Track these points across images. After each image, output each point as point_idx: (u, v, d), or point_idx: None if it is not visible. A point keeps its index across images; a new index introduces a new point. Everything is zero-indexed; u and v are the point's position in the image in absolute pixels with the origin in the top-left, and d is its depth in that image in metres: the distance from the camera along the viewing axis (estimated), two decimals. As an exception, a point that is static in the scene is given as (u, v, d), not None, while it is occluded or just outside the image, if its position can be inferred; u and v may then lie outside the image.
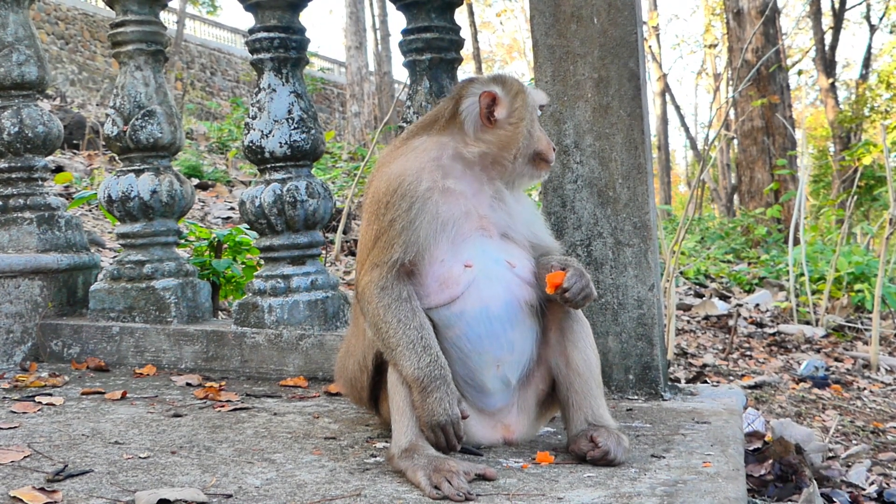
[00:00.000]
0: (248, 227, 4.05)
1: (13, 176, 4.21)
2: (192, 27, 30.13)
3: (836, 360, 6.41)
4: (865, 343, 6.96)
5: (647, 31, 27.29)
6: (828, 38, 26.18)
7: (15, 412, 2.96)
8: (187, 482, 2.16)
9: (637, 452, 2.38)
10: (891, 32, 30.57)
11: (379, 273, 2.31)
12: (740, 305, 8.21)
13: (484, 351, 2.37)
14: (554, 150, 2.49)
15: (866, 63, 28.52)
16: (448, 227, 2.35)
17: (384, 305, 2.29)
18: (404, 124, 3.59)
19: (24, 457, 2.38)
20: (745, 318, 7.62)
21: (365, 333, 2.42)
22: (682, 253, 10.23)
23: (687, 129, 33.06)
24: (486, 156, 2.40)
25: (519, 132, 2.39)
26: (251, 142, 3.67)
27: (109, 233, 7.50)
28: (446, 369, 2.26)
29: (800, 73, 33.48)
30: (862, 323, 7.61)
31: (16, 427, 2.73)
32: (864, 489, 3.43)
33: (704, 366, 5.64)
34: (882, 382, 5.80)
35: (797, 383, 5.43)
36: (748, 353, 6.37)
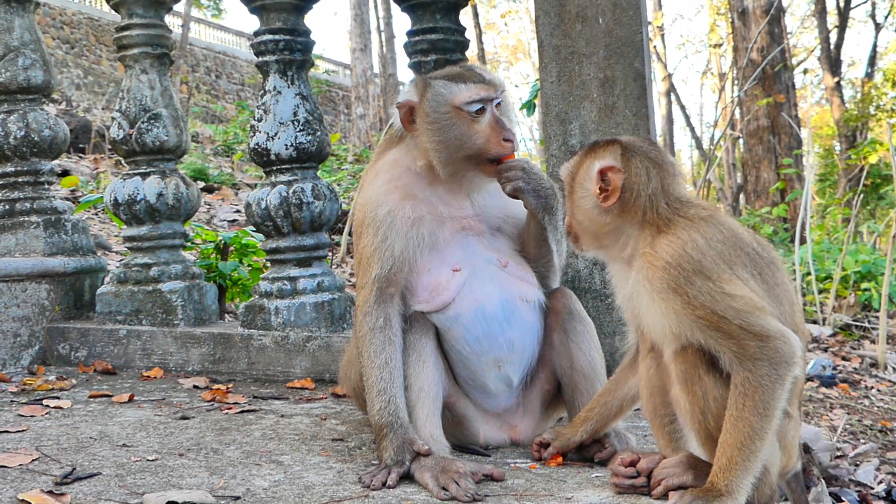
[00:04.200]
0: (255, 229, 4.06)
1: (20, 180, 4.22)
2: (197, 30, 30.18)
3: (844, 358, 6.38)
4: (873, 342, 6.93)
5: (651, 30, 27.27)
6: (833, 37, 26.11)
7: (23, 415, 2.97)
8: (195, 484, 2.16)
9: (645, 452, 2.37)
10: (896, 31, 30.49)
11: (364, 297, 2.35)
12: (747, 305, 8.18)
13: (483, 352, 2.36)
14: (508, 140, 2.32)
15: (872, 61, 28.42)
16: (423, 239, 2.35)
17: (362, 335, 2.33)
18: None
19: (32, 460, 2.38)
20: (751, 318, 7.58)
21: None
22: (689, 253, 10.18)
23: (692, 129, 32.95)
24: (427, 163, 2.38)
25: (434, 135, 2.33)
26: (257, 144, 3.67)
27: (116, 236, 7.52)
28: (396, 413, 2.24)
29: (805, 71, 33.35)
30: (869, 322, 7.58)
31: (24, 430, 2.74)
32: (872, 488, 3.42)
33: (711, 365, 5.61)
34: (890, 381, 5.77)
35: (804, 382, 5.41)
36: (755, 352, 6.33)
